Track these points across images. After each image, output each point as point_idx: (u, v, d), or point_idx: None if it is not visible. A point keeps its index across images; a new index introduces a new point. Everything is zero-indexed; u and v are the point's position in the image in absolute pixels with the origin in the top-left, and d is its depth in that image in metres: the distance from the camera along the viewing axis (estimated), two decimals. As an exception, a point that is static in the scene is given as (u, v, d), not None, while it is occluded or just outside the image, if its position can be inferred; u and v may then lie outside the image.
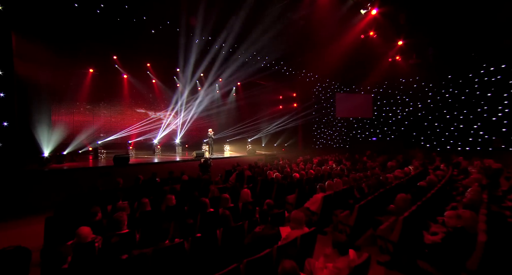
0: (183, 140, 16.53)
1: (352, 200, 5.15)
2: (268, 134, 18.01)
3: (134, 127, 13.84)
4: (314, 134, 17.90)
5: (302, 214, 2.98)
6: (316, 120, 17.54)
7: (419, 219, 3.34)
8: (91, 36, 9.68)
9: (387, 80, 14.54)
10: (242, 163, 10.82)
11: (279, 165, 10.38)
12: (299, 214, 2.96)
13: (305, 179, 6.75)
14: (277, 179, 6.27)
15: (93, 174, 7.71)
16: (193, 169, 9.96)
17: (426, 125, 12.56)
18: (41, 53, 8.86)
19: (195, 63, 13.23)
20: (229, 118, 19.05)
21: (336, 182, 5.42)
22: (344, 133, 17.40)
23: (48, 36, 8.77)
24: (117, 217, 2.85)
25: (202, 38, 11.11)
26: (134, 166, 8.60)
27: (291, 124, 17.29)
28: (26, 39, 8.39)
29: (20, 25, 8.03)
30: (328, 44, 11.99)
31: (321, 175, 7.33)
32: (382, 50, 11.99)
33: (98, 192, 5.28)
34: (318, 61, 13.82)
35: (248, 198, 4.43)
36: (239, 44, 12.12)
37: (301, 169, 8.25)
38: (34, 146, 8.02)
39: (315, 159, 11.68)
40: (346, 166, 8.68)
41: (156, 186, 5.99)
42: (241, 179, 7.92)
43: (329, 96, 17.48)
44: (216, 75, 15.38)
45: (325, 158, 12.79)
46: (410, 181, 5.75)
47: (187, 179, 6.72)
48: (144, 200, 3.91)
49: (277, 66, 14.97)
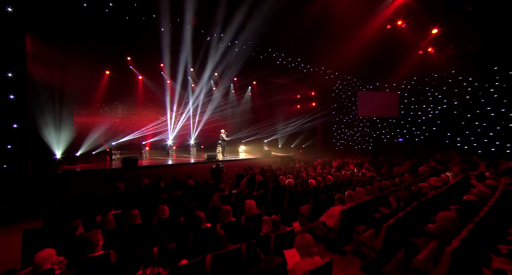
0: (198, 140, 16.33)
1: (377, 213, 4.36)
2: (285, 135, 17.29)
3: (149, 128, 13.80)
4: (334, 135, 16.85)
5: (307, 238, 2.32)
6: (336, 120, 16.50)
7: (475, 250, 2.52)
8: (105, 37, 9.69)
9: (416, 76, 13.11)
10: (256, 166, 10.22)
11: (295, 168, 9.66)
12: (304, 239, 2.30)
13: (322, 186, 6.00)
14: (289, 186, 5.60)
15: (101, 176, 7.54)
16: (203, 172, 9.56)
17: (464, 124, 11.06)
18: (57, 55, 8.97)
19: (208, 62, 12.92)
20: (245, 118, 18.58)
21: (358, 192, 4.64)
22: (367, 133, 16.17)
23: (63, 38, 8.84)
24: (88, 236, 2.38)
25: (213, 35, 10.70)
26: (142, 168, 8.36)
27: (309, 124, 16.44)
28: (42, 42, 8.51)
29: (36, 27, 8.11)
30: (349, 37, 11.03)
31: (340, 181, 6.53)
32: (412, 41, 10.71)
33: (96, 198, 4.97)
34: (338, 57, 12.83)
35: (253, 210, 3.82)
36: (253, 41, 11.57)
37: (318, 174, 7.48)
38: (48, 148, 8.04)
39: (335, 162, 10.78)
40: (370, 171, 7.75)
41: (159, 191, 5.58)
42: (252, 184, 7.34)
43: (350, 94, 16.36)
44: (230, 75, 15.00)
45: (345, 161, 11.82)
46: (450, 191, 4.80)
47: (192, 183, 6.27)
48: (134, 212, 3.45)
49: (294, 63, 14.22)
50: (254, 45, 11.88)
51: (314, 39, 11.61)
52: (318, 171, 7.70)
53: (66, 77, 9.21)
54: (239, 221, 3.59)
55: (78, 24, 8.67)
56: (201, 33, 10.66)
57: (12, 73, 6.41)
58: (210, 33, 10.83)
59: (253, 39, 11.52)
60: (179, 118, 15.63)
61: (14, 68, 6.54)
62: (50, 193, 6.56)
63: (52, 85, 8.82)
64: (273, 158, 12.40)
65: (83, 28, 8.87)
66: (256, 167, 9.76)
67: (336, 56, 12.74)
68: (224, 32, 10.81)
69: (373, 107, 14.79)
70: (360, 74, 15.26)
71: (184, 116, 15.94)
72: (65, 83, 9.18)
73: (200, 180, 6.94)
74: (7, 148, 6.25)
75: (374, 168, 8.28)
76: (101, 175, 7.55)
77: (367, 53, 12.10)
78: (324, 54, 12.92)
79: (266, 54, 12.83)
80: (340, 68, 14.91)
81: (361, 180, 6.19)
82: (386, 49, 11.88)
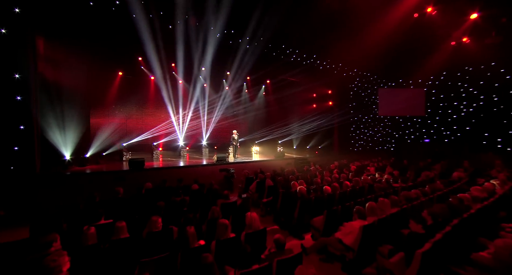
0: (211, 141, 16.07)
1: (405, 229, 3.65)
2: (300, 136, 16.58)
3: (160, 129, 13.71)
4: (353, 135, 15.88)
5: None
6: (355, 120, 15.53)
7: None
8: (116, 38, 9.63)
9: (447, 70, 11.80)
10: (268, 169, 9.69)
11: (309, 172, 9.00)
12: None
13: (338, 194, 5.34)
14: (301, 193, 4.99)
15: (108, 178, 7.36)
16: (212, 174, 9.17)
17: (506, 123, 9.71)
18: (69, 57, 8.97)
19: (220, 60, 12.57)
20: (258, 118, 18.11)
21: (381, 203, 3.96)
22: (388, 134, 15.04)
23: (75, 39, 8.84)
24: (47, 263, 1.96)
25: (224, 32, 10.28)
26: (149, 170, 8.10)
27: (325, 124, 15.61)
28: (55, 43, 8.55)
29: (48, 29, 8.16)
30: (369, 30, 10.15)
31: (359, 188, 5.81)
32: (443, 31, 9.53)
33: (94, 204, 4.68)
34: (357, 53, 11.95)
35: (255, 224, 3.29)
36: (265, 37, 11.02)
37: (334, 179, 6.78)
38: (58, 149, 8.02)
39: (353, 165, 9.97)
40: (393, 176, 6.92)
41: (160, 196, 5.20)
42: (261, 189, 6.81)
43: (370, 92, 15.33)
44: (243, 73, 14.58)
45: (365, 164, 10.94)
46: (499, 204, 3.96)
47: (197, 188, 5.85)
48: (120, 224, 3.05)
49: (310, 60, 13.49)
50: (267, 41, 11.32)
51: (330, 33, 10.84)
52: (334, 176, 7.00)
53: (78, 79, 9.19)
54: (239, 238, 3.07)
55: (89, 25, 8.64)
56: (212, 31, 10.28)
57: (20, 74, 6.35)
58: (221, 30, 10.42)
59: (265, 35, 10.98)
60: (190, 118, 15.45)
61: (22, 69, 6.48)
62: (55, 196, 6.46)
63: (64, 86, 8.82)
64: (286, 160, 11.79)
65: (95, 29, 8.84)
66: (268, 170, 9.23)
67: (355, 51, 11.86)
68: (235, 28, 10.36)
69: (395, 106, 13.69)
70: (381, 71, 14.21)
71: (195, 117, 15.76)
72: (76, 85, 9.16)
73: (206, 183, 6.52)
74: (14, 149, 6.20)
75: (398, 172, 7.40)
76: (107, 177, 7.37)
77: (389, 47, 11.12)
78: (341, 49, 12.08)
79: (280, 50, 12.23)
80: (359, 65, 13.96)
81: (384, 187, 5.44)
82: (411, 41, 10.80)
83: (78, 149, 8.61)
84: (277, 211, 5.52)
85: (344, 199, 5.11)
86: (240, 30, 10.29)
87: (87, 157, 8.96)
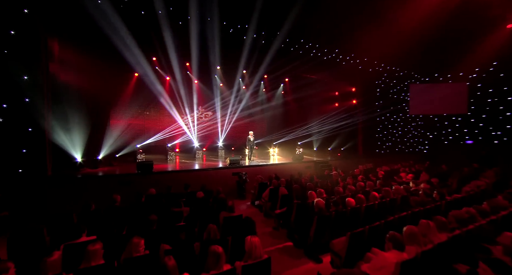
0: (227, 142, 15.64)
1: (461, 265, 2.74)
2: (321, 137, 15.54)
3: (174, 130, 13.50)
4: (379, 136, 14.51)
5: None
6: (382, 120, 14.17)
7: None
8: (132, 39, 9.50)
9: (498, 60, 10.05)
10: (284, 173, 8.95)
11: (330, 177, 8.09)
12: None
13: (365, 208, 4.46)
14: (319, 207, 4.20)
15: (114, 182, 7.11)
16: (225, 178, 8.63)
17: None
18: (84, 58, 8.95)
19: (235, 58, 12.04)
20: (277, 118, 17.36)
21: (424, 227, 3.05)
22: (421, 134, 13.50)
23: (90, 41, 8.80)
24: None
25: (237, 27, 9.69)
26: (158, 174, 7.73)
27: (349, 124, 14.43)
28: (69, 45, 8.56)
29: (62, 31, 8.16)
30: (399, 17, 8.97)
31: (390, 200, 4.86)
32: (496, 12, 7.99)
33: (88, 213, 4.29)
34: (384, 45, 10.73)
35: (256, 252, 2.59)
36: (283, 31, 10.26)
37: (360, 188, 5.86)
38: (69, 151, 7.96)
39: (381, 170, 8.88)
40: (432, 185, 5.83)
41: (161, 206, 4.70)
42: (274, 197, 6.10)
43: (400, 89, 13.88)
44: (260, 71, 13.96)
45: (394, 168, 9.76)
46: None
47: (202, 196, 5.28)
48: (93, 247, 2.52)
49: (331, 55, 12.45)
50: (285, 35, 10.55)
51: (354, 23, 9.79)
52: (359, 184, 6.06)
53: (92, 80, 9.15)
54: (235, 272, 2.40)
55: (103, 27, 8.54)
56: (225, 26, 9.75)
57: (28, 76, 6.26)
58: (235, 26, 9.86)
59: (283, 28, 10.21)
60: (205, 119, 15.14)
61: (28, 71, 6.39)
62: (65, 199, 6.30)
63: (77, 88, 8.80)
64: (305, 163, 10.91)
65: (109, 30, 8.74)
66: (285, 175, 8.49)
67: (383, 43, 10.64)
68: (249, 22, 9.72)
69: (430, 103, 12.20)
70: (413, 65, 12.72)
71: (211, 117, 15.42)
72: (90, 86, 9.12)
73: (215, 190, 5.94)
74: (23, 151, 6.11)
75: (436, 179, 6.25)
76: (115, 181, 7.11)
77: (424, 37, 9.78)
78: (367, 41, 10.92)
79: (298, 45, 11.37)
80: (387, 59, 12.62)
81: (423, 201, 4.43)
82: (453, 28, 9.30)
83: (90, 150, 8.52)
84: (291, 226, 4.77)
85: (372, 215, 4.23)
86: (255, 24, 9.61)
87: (100, 159, 8.85)
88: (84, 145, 8.20)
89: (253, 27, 9.77)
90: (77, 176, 7.36)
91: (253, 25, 9.66)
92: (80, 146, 8.09)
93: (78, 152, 7.97)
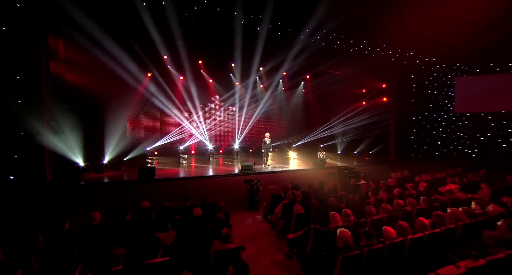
0: (245, 144, 14.79)
1: None
2: (346, 139, 14.03)
3: (186, 131, 12.90)
4: (415, 138, 12.65)
5: None
6: (419, 119, 12.32)
7: None
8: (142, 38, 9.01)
9: None
10: (302, 182, 7.72)
11: (357, 189, 6.75)
12: None
13: (410, 243, 3.21)
14: (344, 240, 3.04)
15: (115, 189, 6.51)
16: (236, 187, 7.71)
17: None
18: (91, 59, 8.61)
19: (251, 54, 11.07)
20: (297, 119, 16.17)
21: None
22: (468, 136, 11.45)
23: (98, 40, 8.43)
24: None
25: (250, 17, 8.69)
26: (161, 181, 7.01)
27: (378, 125, 12.78)
28: (74, 45, 8.23)
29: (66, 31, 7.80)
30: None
31: (447, 231, 3.53)
32: None
33: (58, 235, 3.59)
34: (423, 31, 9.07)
35: None
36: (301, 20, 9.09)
37: (397, 207, 4.55)
38: (72, 155, 7.56)
39: (421, 180, 7.35)
40: (505, 206, 4.34)
41: (146, 227, 3.87)
42: (288, 215, 5.02)
43: (441, 83, 11.93)
44: (279, 68, 12.92)
45: (437, 177, 8.15)
46: None
47: (199, 214, 4.35)
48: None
49: (358, 46, 10.97)
50: (304, 25, 9.35)
51: (386, 7, 8.31)
52: (397, 202, 4.72)
53: (100, 81, 8.78)
54: None
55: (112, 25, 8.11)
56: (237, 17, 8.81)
57: (22, 75, 5.86)
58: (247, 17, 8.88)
59: (302, 18, 9.02)
60: (220, 120, 14.42)
61: (26, 70, 6.00)
62: (64, 208, 5.82)
63: (83, 89, 8.47)
64: (328, 169, 9.60)
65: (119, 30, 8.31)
66: (304, 184, 7.27)
67: (421, 29, 8.98)
68: (263, 13, 8.69)
69: (481, 99, 10.21)
70: (461, 54, 10.72)
71: (227, 118, 14.67)
72: (98, 87, 8.76)
73: (217, 205, 5.00)
74: (14, 157, 5.71)
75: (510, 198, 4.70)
76: (115, 188, 6.52)
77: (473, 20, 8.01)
78: (401, 29, 9.32)
79: (320, 37, 10.08)
80: (427, 48, 10.79)
81: (506, 239, 3.03)
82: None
83: (94, 154, 8.11)
84: (307, 259, 3.67)
85: (421, 255, 2.98)
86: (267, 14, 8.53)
87: (105, 163, 8.40)
88: (88, 148, 7.79)
89: (267, 17, 8.71)
90: (79, 181, 6.92)
91: (268, 14, 8.60)
92: (84, 149, 7.68)
93: (79, 156, 7.54)
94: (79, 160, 7.47)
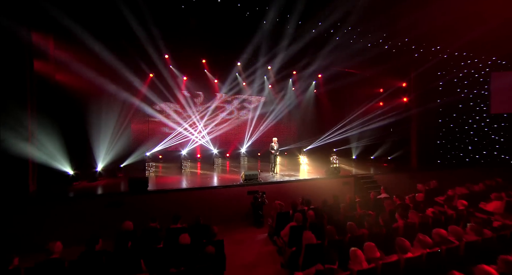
0: (252, 148, 13.95)
1: None
2: (361, 143, 12.86)
3: (191, 136, 12.18)
4: (442, 142, 11.33)
5: None
6: (446, 121, 10.99)
7: None
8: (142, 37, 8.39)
9: None
10: (314, 195, 6.73)
11: (379, 205, 5.67)
12: None
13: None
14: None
15: (103, 202, 5.80)
16: (238, 199, 6.84)
17: None
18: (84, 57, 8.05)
19: (258, 51, 10.23)
20: (308, 121, 15.16)
21: None
22: (505, 140, 10.05)
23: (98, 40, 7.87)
24: None
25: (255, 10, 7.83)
26: (154, 193, 6.23)
27: (398, 128, 11.56)
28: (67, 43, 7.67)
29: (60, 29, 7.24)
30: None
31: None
32: None
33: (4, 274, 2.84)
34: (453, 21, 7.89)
35: None
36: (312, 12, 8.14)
37: (439, 239, 3.51)
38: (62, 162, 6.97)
39: (456, 195, 6.20)
40: None
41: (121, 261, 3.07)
42: (297, 241, 4.08)
43: (473, 80, 10.57)
44: (288, 67, 12.04)
45: (474, 190, 6.96)
46: None
47: (187, 243, 3.51)
48: None
49: (376, 41, 9.86)
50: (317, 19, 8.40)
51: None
52: (438, 233, 3.64)
53: (93, 81, 8.19)
54: None
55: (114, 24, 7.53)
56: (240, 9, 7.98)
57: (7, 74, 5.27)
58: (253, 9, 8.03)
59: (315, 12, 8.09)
60: (225, 123, 13.64)
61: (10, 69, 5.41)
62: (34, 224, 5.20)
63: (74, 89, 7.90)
64: (342, 179, 8.55)
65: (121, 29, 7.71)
66: (316, 198, 6.27)
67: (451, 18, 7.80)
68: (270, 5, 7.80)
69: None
70: (498, 46, 9.36)
71: (234, 121, 13.89)
72: (94, 88, 8.18)
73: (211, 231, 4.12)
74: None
75: None
76: (104, 200, 5.81)
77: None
78: (426, 20, 8.16)
79: (334, 30, 9.07)
80: (454, 41, 9.53)
81: None
82: None
83: (87, 160, 7.48)
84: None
85: None
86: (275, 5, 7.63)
87: (99, 171, 7.74)
88: (76, 154, 7.16)
89: (274, 10, 7.83)
90: (65, 192, 6.25)
91: (274, 7, 7.71)
92: (72, 156, 7.04)
93: (66, 164, 6.89)
94: (67, 168, 6.83)
